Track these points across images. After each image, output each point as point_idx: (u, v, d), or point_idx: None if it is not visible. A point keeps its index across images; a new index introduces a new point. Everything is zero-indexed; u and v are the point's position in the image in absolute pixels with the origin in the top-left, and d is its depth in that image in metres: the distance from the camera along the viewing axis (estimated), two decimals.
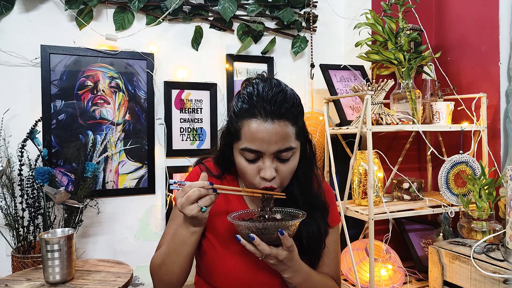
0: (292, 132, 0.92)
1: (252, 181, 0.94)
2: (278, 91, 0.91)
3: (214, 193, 0.88)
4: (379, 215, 1.55)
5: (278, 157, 0.92)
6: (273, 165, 0.92)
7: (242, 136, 0.91)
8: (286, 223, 0.86)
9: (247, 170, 0.93)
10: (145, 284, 1.89)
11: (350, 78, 1.94)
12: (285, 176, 0.95)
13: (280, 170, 0.93)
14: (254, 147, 0.89)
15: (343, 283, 1.72)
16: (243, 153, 0.92)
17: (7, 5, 1.69)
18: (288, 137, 0.91)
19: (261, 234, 0.85)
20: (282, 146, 0.90)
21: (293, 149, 0.93)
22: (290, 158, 0.94)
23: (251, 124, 0.89)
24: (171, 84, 1.92)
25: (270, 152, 0.90)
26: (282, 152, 0.91)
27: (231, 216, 0.91)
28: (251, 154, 0.91)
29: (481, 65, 1.80)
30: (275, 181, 0.93)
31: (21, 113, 1.71)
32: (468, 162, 1.68)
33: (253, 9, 1.99)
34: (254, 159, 0.92)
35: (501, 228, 1.44)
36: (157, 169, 1.90)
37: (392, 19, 1.69)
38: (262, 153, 0.90)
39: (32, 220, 1.57)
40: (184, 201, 0.86)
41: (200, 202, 0.87)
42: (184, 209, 0.87)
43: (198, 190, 0.86)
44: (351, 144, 1.84)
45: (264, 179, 0.92)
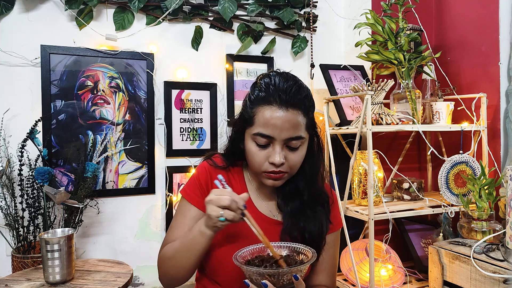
0: (303, 122, 0.96)
1: (260, 167, 0.97)
2: (293, 83, 0.96)
3: (241, 216, 0.89)
4: (379, 215, 1.55)
5: (288, 145, 0.96)
6: (282, 152, 0.95)
7: (256, 122, 0.95)
8: (301, 267, 0.83)
9: (257, 156, 0.96)
10: (145, 284, 1.89)
11: (350, 78, 1.94)
12: (292, 164, 0.97)
13: (288, 159, 0.96)
14: (266, 132, 0.94)
15: (343, 283, 1.72)
16: (255, 138, 0.96)
17: (7, 5, 1.69)
18: (299, 126, 0.95)
19: (274, 280, 0.82)
20: (293, 134, 0.94)
21: (303, 139, 0.97)
22: (299, 148, 0.97)
23: (266, 111, 0.94)
24: (171, 84, 1.92)
25: (281, 139, 0.94)
26: (292, 140, 0.95)
27: (237, 256, 0.88)
28: (263, 139, 0.95)
29: (481, 65, 1.80)
30: (283, 167, 0.96)
31: (21, 113, 1.71)
32: (468, 162, 1.68)
33: (253, 9, 1.99)
34: (265, 145, 0.96)
35: (501, 228, 1.44)
36: (157, 169, 1.90)
37: (392, 19, 1.69)
38: (273, 139, 0.94)
39: (32, 220, 1.57)
40: (215, 199, 0.87)
41: (224, 211, 0.87)
42: (208, 205, 0.88)
43: (231, 202, 0.87)
44: (351, 144, 1.84)
45: (273, 164, 0.95)
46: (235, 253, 0.89)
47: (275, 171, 0.96)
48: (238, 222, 0.89)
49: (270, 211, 1.06)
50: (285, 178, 0.99)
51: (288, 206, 1.03)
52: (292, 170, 0.99)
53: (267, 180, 0.99)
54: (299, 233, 0.99)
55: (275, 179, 0.98)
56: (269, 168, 0.96)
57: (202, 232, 0.92)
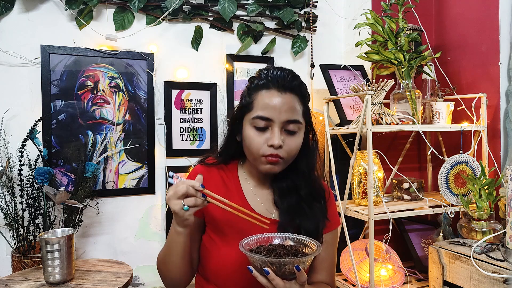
0: (299, 108, 0.99)
1: (258, 150, 0.97)
2: (289, 72, 1.01)
3: (204, 198, 0.89)
4: (379, 215, 1.55)
5: (286, 129, 0.98)
6: (281, 135, 0.97)
7: (255, 106, 0.98)
8: (304, 258, 0.84)
9: (255, 139, 0.97)
10: (145, 284, 1.89)
11: (350, 78, 1.94)
12: (290, 149, 0.98)
13: (286, 143, 0.97)
14: (266, 115, 0.96)
15: (343, 283, 1.72)
16: (254, 122, 0.98)
17: (7, 5, 1.69)
18: (296, 110, 0.98)
19: (276, 268, 0.83)
20: (291, 117, 0.97)
21: (300, 124, 0.99)
22: (296, 134, 0.99)
23: (265, 94, 0.98)
24: (171, 84, 1.92)
25: (280, 121, 0.96)
26: (291, 124, 0.97)
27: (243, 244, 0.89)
28: (262, 121, 0.96)
29: (481, 65, 1.80)
30: (280, 151, 0.97)
31: (21, 113, 1.71)
32: (468, 162, 1.68)
33: (253, 9, 1.99)
34: (263, 128, 0.97)
35: (501, 228, 1.44)
36: (157, 169, 1.90)
37: (392, 19, 1.69)
38: (272, 121, 0.96)
39: (32, 220, 1.57)
40: (172, 194, 0.88)
41: (184, 200, 0.87)
42: (169, 202, 0.88)
43: (187, 188, 0.87)
44: (351, 144, 1.84)
45: (272, 146, 0.96)
46: (241, 241, 0.90)
47: (273, 154, 0.96)
48: (204, 205, 0.89)
49: (266, 209, 1.05)
50: (281, 164, 0.99)
51: (285, 203, 1.04)
52: (289, 156, 0.99)
53: (264, 165, 0.99)
54: (295, 230, 0.99)
55: (272, 163, 0.98)
56: (267, 151, 0.96)
57: (177, 231, 0.93)
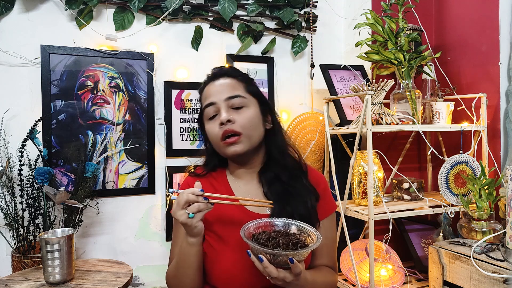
0: (239, 86, 1.08)
1: (217, 137, 1.03)
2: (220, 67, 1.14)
3: (206, 201, 0.91)
4: (379, 215, 1.55)
5: (232, 107, 1.05)
6: (227, 113, 1.03)
7: (202, 102, 1.09)
8: (297, 251, 0.85)
9: (212, 129, 1.05)
10: (145, 284, 1.89)
11: (350, 78, 1.94)
12: (242, 123, 1.03)
13: (236, 118, 1.03)
14: (209, 101, 1.06)
15: (343, 283, 1.72)
16: (205, 114, 1.07)
17: (7, 5, 1.69)
18: (235, 87, 1.07)
19: (271, 258, 0.86)
20: (230, 93, 1.05)
21: (244, 98, 1.06)
22: (244, 108, 1.05)
23: (205, 89, 1.10)
24: (171, 84, 1.92)
25: (222, 99, 1.04)
26: (232, 99, 1.05)
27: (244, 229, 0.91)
28: (210, 108, 1.06)
29: (481, 65, 1.80)
30: (233, 126, 1.02)
31: (21, 113, 1.71)
32: (468, 162, 1.68)
33: (253, 9, 1.99)
34: (214, 115, 1.05)
35: (501, 228, 1.44)
36: (157, 169, 1.90)
37: (392, 19, 1.69)
38: (216, 104, 1.05)
39: (32, 220, 1.57)
40: (175, 207, 0.91)
41: (188, 208, 0.90)
42: (175, 215, 0.91)
43: (187, 196, 0.90)
44: (351, 144, 1.84)
45: (222, 124, 1.02)
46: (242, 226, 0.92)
47: (226, 130, 1.01)
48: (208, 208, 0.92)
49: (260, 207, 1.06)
50: (242, 142, 1.03)
51: (273, 193, 1.06)
52: (246, 131, 1.03)
53: (227, 148, 1.03)
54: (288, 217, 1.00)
55: (232, 144, 1.02)
56: (221, 131, 1.02)
57: (189, 243, 0.95)
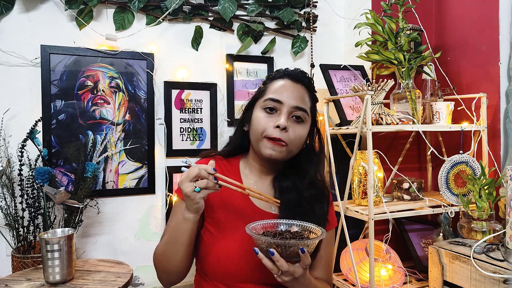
0: (308, 101, 1.06)
1: (264, 130, 1.01)
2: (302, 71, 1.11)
3: (215, 181, 0.90)
4: (379, 215, 1.55)
5: (293, 116, 1.03)
6: (288, 121, 1.01)
7: (268, 91, 1.06)
8: (308, 241, 0.85)
9: (262, 120, 1.02)
10: (145, 284, 1.89)
11: (350, 78, 1.94)
12: (293, 137, 1.02)
13: (291, 129, 1.02)
14: (277, 97, 1.03)
15: (343, 283, 1.72)
16: (265, 103, 1.04)
17: (7, 5, 1.69)
18: (305, 100, 1.05)
19: (281, 250, 0.84)
20: (300, 104, 1.03)
21: (307, 115, 1.05)
22: (303, 123, 1.04)
23: (278, 82, 1.06)
24: (171, 84, 1.92)
25: (290, 105, 1.02)
26: (299, 110, 1.03)
27: (250, 228, 0.90)
28: (273, 103, 1.03)
29: (481, 65, 1.80)
30: (284, 135, 1.00)
31: (21, 113, 1.71)
32: (468, 162, 1.68)
33: (253, 9, 1.99)
34: (272, 110, 1.03)
35: (501, 228, 1.44)
36: (157, 169, 1.90)
37: (392, 19, 1.69)
38: (282, 104, 1.02)
39: (32, 220, 1.57)
40: (184, 177, 0.89)
41: (197, 182, 0.89)
42: (181, 184, 0.90)
43: (199, 170, 0.88)
44: (351, 144, 1.84)
45: (278, 126, 1.00)
46: (247, 225, 0.91)
47: (276, 137, 0.99)
48: (216, 189, 0.91)
49: (267, 204, 1.06)
50: (283, 152, 1.01)
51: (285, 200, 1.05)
52: (291, 145, 1.02)
53: (266, 148, 1.01)
54: None
55: (273, 147, 1.00)
56: (272, 133, 1.00)
57: (186, 218, 0.93)
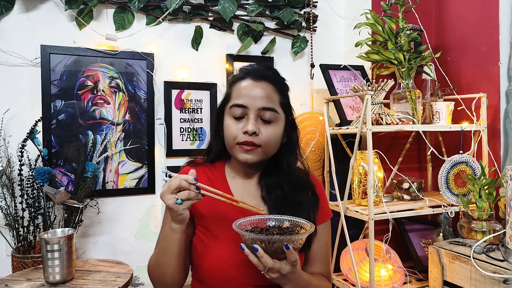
0: (276, 97, 1.02)
1: (234, 138, 0.99)
2: (266, 65, 1.06)
3: (197, 191, 0.88)
4: (379, 215, 1.55)
5: (262, 118, 1.00)
6: (256, 124, 0.98)
7: (232, 96, 1.03)
8: (292, 237, 0.84)
9: (232, 128, 1.00)
10: (145, 284, 1.89)
11: (350, 78, 1.94)
12: (266, 139, 0.99)
13: (261, 131, 0.99)
14: (240, 102, 0.99)
15: (343, 283, 1.72)
16: (231, 111, 1.01)
17: (7, 5, 1.68)
18: (272, 98, 1.01)
19: (266, 246, 0.84)
20: (266, 104, 0.99)
21: (276, 113, 1.01)
22: (273, 123, 1.00)
23: (241, 84, 1.02)
24: (171, 84, 1.92)
25: (255, 108, 0.98)
26: (266, 111, 0.99)
27: (237, 224, 0.89)
28: (238, 109, 0.99)
29: (481, 65, 1.80)
30: (256, 139, 0.98)
31: (21, 113, 1.71)
32: (468, 162, 1.68)
33: (253, 9, 1.99)
34: (240, 117, 1.00)
35: (501, 228, 1.44)
36: (157, 169, 1.90)
37: (392, 19, 1.69)
38: (247, 109, 0.99)
39: (32, 220, 1.57)
40: (165, 189, 0.88)
41: (178, 194, 0.87)
42: (163, 197, 0.88)
43: (179, 181, 0.86)
44: (351, 144, 1.84)
45: (246, 132, 0.97)
46: (234, 222, 0.90)
47: (247, 141, 0.97)
48: (198, 199, 0.89)
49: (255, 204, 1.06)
50: (258, 154, 1.00)
51: (272, 198, 1.04)
52: (265, 147, 1.00)
53: (240, 154, 0.99)
54: None
55: (247, 152, 0.98)
56: (242, 139, 0.98)
57: (172, 228, 0.92)
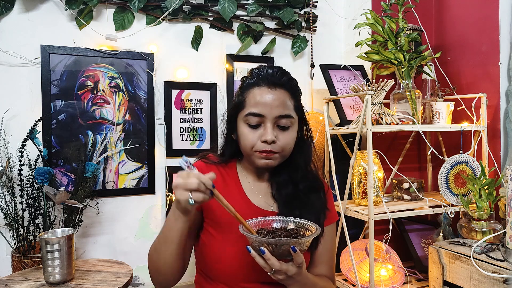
0: (290, 103, 1.02)
1: (252, 146, 0.99)
2: (278, 69, 1.05)
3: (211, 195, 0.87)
4: (379, 215, 1.55)
5: (278, 125, 1.00)
6: (273, 131, 0.99)
7: (247, 104, 1.01)
8: (300, 239, 0.84)
9: (249, 137, 0.99)
10: (145, 284, 1.89)
11: (350, 78, 1.94)
12: (284, 144, 1.00)
13: (279, 138, 1.00)
14: (257, 111, 0.98)
15: (343, 283, 1.72)
16: (247, 119, 1.00)
17: (7, 5, 1.68)
18: (287, 105, 1.01)
19: (273, 249, 0.84)
20: (282, 112, 0.99)
21: (292, 118, 1.01)
22: (289, 128, 1.01)
23: (256, 92, 1.00)
24: (171, 84, 1.92)
25: (272, 116, 0.98)
26: (283, 118, 0.99)
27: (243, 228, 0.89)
28: (255, 118, 0.99)
29: (481, 65, 1.80)
30: (274, 146, 0.99)
31: (21, 113, 1.71)
32: (468, 162, 1.68)
33: (253, 9, 1.99)
34: (256, 125, 0.99)
35: (501, 228, 1.44)
36: (157, 169, 1.90)
37: (392, 19, 1.69)
38: (264, 118, 0.99)
39: (32, 220, 1.57)
40: (181, 183, 0.85)
41: (193, 194, 0.85)
42: (176, 190, 0.86)
43: (198, 184, 0.84)
44: (351, 144, 1.84)
45: (265, 142, 0.98)
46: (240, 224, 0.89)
47: (266, 150, 0.98)
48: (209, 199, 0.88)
49: (265, 202, 1.06)
50: (277, 158, 1.01)
51: (283, 195, 1.05)
52: (284, 151, 1.01)
53: (259, 160, 1.00)
54: None
55: (267, 158, 0.99)
56: (261, 147, 0.98)
57: (176, 217, 0.91)
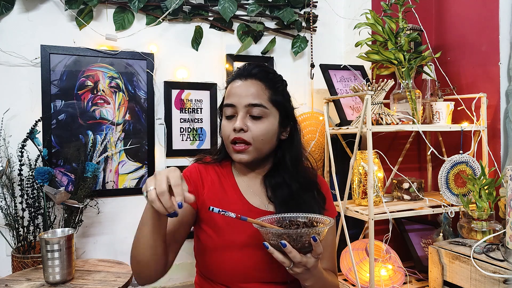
0: (264, 92, 1.02)
1: (227, 137, 1.02)
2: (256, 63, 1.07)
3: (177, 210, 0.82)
4: (379, 215, 1.55)
5: (251, 114, 1.01)
6: (245, 120, 1.01)
7: (225, 98, 1.06)
8: (319, 229, 0.83)
9: (225, 128, 1.03)
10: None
11: (350, 78, 1.94)
12: (255, 135, 1.00)
13: (250, 128, 1.00)
14: (229, 101, 1.02)
15: (343, 283, 1.72)
16: (223, 112, 1.05)
17: (7, 5, 1.69)
18: (259, 94, 1.02)
19: (292, 241, 0.82)
20: (252, 101, 1.00)
21: (266, 109, 1.01)
22: (263, 119, 1.01)
23: (231, 84, 1.05)
24: (171, 84, 1.92)
25: (242, 105, 1.00)
26: (253, 107, 1.00)
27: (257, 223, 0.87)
28: (228, 109, 1.03)
29: (481, 65, 1.80)
30: (244, 135, 1.00)
31: (21, 113, 1.71)
32: (468, 162, 1.68)
33: (253, 9, 1.99)
34: (231, 116, 1.02)
35: (501, 228, 1.44)
36: (157, 169, 1.90)
37: (392, 19, 1.69)
38: (236, 107, 1.01)
39: (32, 220, 1.57)
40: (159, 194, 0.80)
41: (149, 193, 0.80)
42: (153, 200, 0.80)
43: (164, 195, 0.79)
44: (351, 144, 1.84)
45: (234, 129, 1.00)
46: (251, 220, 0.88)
47: (236, 137, 0.99)
48: None
49: (261, 202, 1.07)
50: (250, 152, 1.01)
51: (278, 197, 1.04)
52: (256, 143, 1.01)
53: (234, 154, 1.02)
54: None
55: (240, 152, 1.00)
56: (232, 136, 1.00)
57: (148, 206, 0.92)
